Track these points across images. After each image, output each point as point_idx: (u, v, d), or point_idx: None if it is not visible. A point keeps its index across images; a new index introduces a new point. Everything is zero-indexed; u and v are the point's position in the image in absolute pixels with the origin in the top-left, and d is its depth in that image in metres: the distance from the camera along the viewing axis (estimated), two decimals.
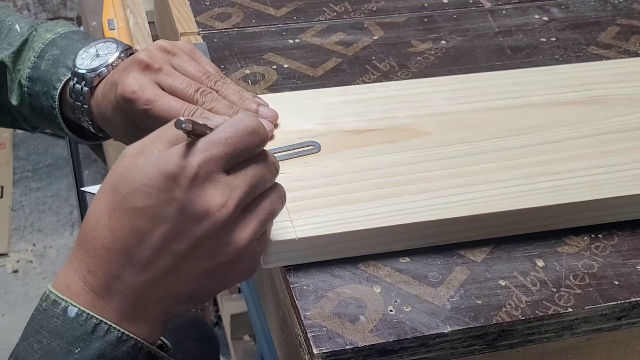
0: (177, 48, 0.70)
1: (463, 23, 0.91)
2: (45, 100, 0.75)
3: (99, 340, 0.51)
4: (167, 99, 0.66)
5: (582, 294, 0.60)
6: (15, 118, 0.81)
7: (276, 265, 0.61)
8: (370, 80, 0.81)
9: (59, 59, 0.74)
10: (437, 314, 0.57)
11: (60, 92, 0.74)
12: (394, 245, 0.62)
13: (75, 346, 0.51)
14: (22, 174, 2.35)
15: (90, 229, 0.52)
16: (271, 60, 0.83)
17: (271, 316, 0.69)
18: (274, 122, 0.69)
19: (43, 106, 0.75)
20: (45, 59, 0.75)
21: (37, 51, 0.75)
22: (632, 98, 0.75)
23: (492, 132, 0.70)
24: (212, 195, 0.51)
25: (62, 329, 0.51)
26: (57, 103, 0.74)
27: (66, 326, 0.51)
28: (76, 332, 0.51)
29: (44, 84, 0.74)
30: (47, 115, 0.76)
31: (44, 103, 0.75)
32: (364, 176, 0.65)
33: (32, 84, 0.75)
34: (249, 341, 1.73)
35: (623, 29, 0.91)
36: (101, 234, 0.51)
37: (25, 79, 0.75)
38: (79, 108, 0.72)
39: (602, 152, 0.68)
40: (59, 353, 0.51)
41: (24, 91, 0.76)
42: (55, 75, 0.74)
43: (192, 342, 1.08)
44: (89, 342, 0.51)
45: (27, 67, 0.75)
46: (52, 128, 0.78)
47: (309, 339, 0.55)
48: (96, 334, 0.51)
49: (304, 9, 0.93)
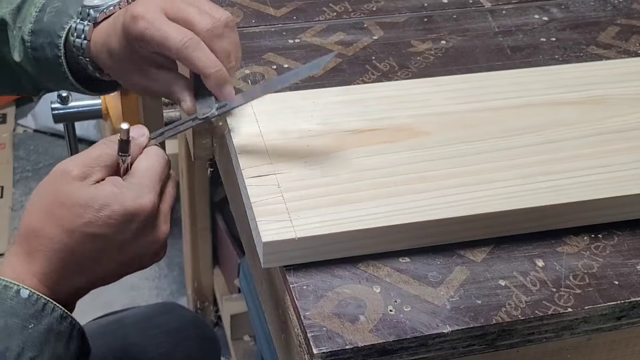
0: None
1: (463, 23, 0.91)
2: (49, 50, 0.76)
3: (48, 317, 0.60)
4: (165, 24, 0.67)
5: (582, 294, 0.60)
6: (18, 78, 0.81)
7: (276, 265, 0.61)
8: (370, 80, 0.81)
9: (61, 9, 0.76)
10: (437, 314, 0.57)
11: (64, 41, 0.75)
12: (394, 245, 0.62)
13: (29, 322, 0.59)
14: (22, 174, 2.34)
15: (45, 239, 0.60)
16: (271, 60, 0.83)
17: (271, 316, 0.69)
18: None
19: (48, 57, 0.76)
20: (47, 11, 0.76)
21: (39, 6, 0.77)
22: (632, 98, 0.75)
23: (492, 132, 0.70)
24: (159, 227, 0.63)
25: (17, 308, 0.59)
26: (62, 51, 0.75)
27: (20, 305, 0.59)
28: (29, 310, 0.59)
29: (47, 35, 0.76)
30: (52, 67, 0.77)
31: (49, 54, 0.76)
32: (363, 176, 0.65)
33: (35, 37, 0.76)
34: (249, 341, 1.73)
35: (623, 29, 0.91)
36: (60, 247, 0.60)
37: (27, 34, 0.76)
38: (79, 45, 0.74)
39: (602, 152, 0.68)
40: (15, 329, 0.59)
41: (27, 46, 0.77)
42: (58, 25, 0.75)
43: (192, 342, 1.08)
44: (40, 318, 0.60)
45: (29, 22, 0.76)
46: (57, 82, 0.79)
47: (309, 339, 0.55)
48: (45, 312, 0.60)
49: (304, 9, 0.93)
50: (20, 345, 0.58)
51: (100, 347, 0.69)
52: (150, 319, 1.06)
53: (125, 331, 1.03)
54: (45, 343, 0.60)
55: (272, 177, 0.64)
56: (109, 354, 0.97)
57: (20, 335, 0.58)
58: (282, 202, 0.62)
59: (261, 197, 0.62)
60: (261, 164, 0.66)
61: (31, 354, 0.59)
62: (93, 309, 1.22)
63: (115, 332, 1.02)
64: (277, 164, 0.66)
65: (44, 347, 0.59)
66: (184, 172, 1.54)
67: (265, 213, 0.61)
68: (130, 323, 1.05)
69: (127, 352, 0.99)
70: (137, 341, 1.01)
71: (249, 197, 0.62)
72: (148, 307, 1.12)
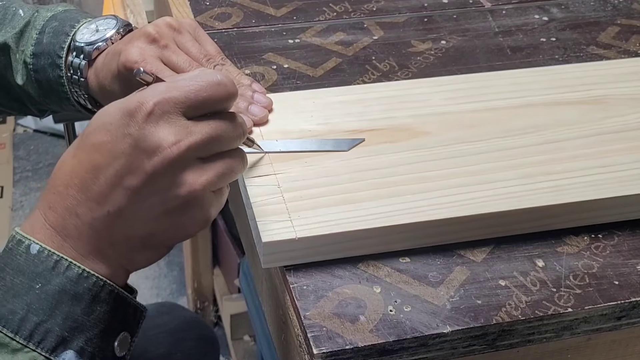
0: (183, 27, 0.72)
1: (463, 23, 0.91)
2: (51, 71, 0.76)
3: (60, 277, 0.52)
4: (167, 73, 0.67)
5: (582, 294, 0.60)
6: (22, 101, 0.82)
7: (276, 265, 0.61)
8: (370, 80, 0.81)
9: (58, 29, 0.76)
10: (437, 314, 0.57)
11: (65, 61, 0.75)
12: (394, 245, 0.62)
13: (36, 282, 0.52)
14: (22, 174, 2.35)
15: (56, 170, 0.54)
16: (271, 60, 0.83)
17: (271, 316, 0.69)
18: (268, 109, 0.71)
19: (50, 78, 0.77)
20: (46, 32, 0.76)
21: (39, 28, 0.77)
22: (632, 98, 0.75)
23: (492, 132, 0.70)
24: (166, 132, 0.51)
25: (24, 265, 0.52)
26: (64, 71, 0.75)
27: (28, 263, 0.52)
28: (37, 268, 0.52)
29: (47, 56, 0.76)
30: (55, 88, 0.77)
31: (50, 75, 0.76)
32: (364, 176, 0.65)
33: (36, 59, 0.77)
34: (249, 341, 1.73)
35: (623, 29, 0.91)
36: (62, 172, 0.53)
37: (29, 57, 0.77)
38: (76, 82, 0.75)
39: (602, 152, 0.69)
40: (21, 289, 0.52)
41: (29, 69, 0.77)
42: (57, 45, 0.75)
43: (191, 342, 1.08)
44: (49, 278, 0.52)
45: (30, 45, 0.77)
46: (60, 104, 0.79)
47: (309, 339, 0.55)
48: (56, 270, 0.52)
49: (304, 9, 0.93)
50: (24, 308, 0.52)
51: None
52: (149, 319, 1.06)
53: None
54: (55, 306, 0.52)
55: (272, 177, 0.64)
56: None
57: (26, 296, 0.52)
58: (282, 202, 0.62)
59: (261, 197, 0.62)
60: (261, 164, 0.66)
61: (36, 318, 0.52)
62: None
63: None
64: (277, 164, 0.66)
65: (55, 311, 0.52)
66: None
67: (265, 213, 0.61)
68: None
69: None
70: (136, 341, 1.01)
71: (249, 197, 0.62)
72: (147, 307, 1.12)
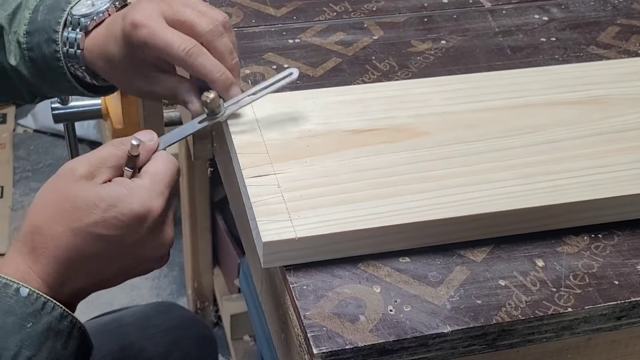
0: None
1: (463, 23, 0.91)
2: (46, 47, 0.76)
3: (47, 316, 0.59)
4: (168, 31, 0.67)
5: (582, 294, 0.60)
6: (15, 84, 0.81)
7: (276, 265, 0.61)
8: (370, 80, 0.81)
9: (53, 5, 0.76)
10: (437, 313, 0.57)
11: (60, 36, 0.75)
12: (393, 245, 0.62)
13: (27, 321, 0.58)
14: (22, 174, 2.34)
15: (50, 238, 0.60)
16: (271, 60, 0.83)
17: (271, 316, 0.69)
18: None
19: (45, 54, 0.76)
20: (40, 11, 0.76)
21: (31, 8, 0.77)
22: (632, 98, 0.75)
23: (492, 132, 0.70)
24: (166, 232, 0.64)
25: (16, 306, 0.58)
26: (60, 45, 0.75)
27: (19, 304, 0.58)
28: (28, 309, 0.59)
29: (43, 32, 0.76)
30: (50, 64, 0.77)
31: (46, 51, 0.76)
32: (363, 176, 0.65)
33: (30, 37, 0.76)
34: (249, 341, 1.73)
35: (623, 29, 0.91)
36: (65, 247, 0.59)
37: (22, 36, 0.77)
38: (72, 55, 0.75)
39: (601, 152, 0.69)
40: (12, 328, 0.58)
41: (23, 48, 0.77)
42: (53, 20, 0.75)
43: (190, 342, 1.08)
44: (39, 317, 0.59)
45: (23, 25, 0.77)
46: (54, 83, 0.79)
47: (309, 339, 0.55)
48: (44, 310, 0.59)
49: (304, 9, 0.93)
50: (17, 345, 0.58)
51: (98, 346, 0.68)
52: (148, 318, 1.06)
53: (123, 330, 1.03)
54: (43, 342, 0.59)
55: (272, 177, 0.64)
56: (107, 353, 0.97)
57: (18, 334, 0.58)
58: (282, 202, 0.62)
59: (261, 197, 0.62)
60: (261, 164, 0.66)
61: (28, 353, 0.58)
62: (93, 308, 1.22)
63: (113, 331, 1.02)
64: (277, 164, 0.66)
65: (42, 346, 0.59)
66: (184, 172, 1.55)
67: (265, 213, 0.61)
68: (129, 322, 1.05)
69: (125, 351, 0.99)
70: (135, 340, 1.01)
71: (249, 197, 0.62)
72: (146, 307, 1.12)
